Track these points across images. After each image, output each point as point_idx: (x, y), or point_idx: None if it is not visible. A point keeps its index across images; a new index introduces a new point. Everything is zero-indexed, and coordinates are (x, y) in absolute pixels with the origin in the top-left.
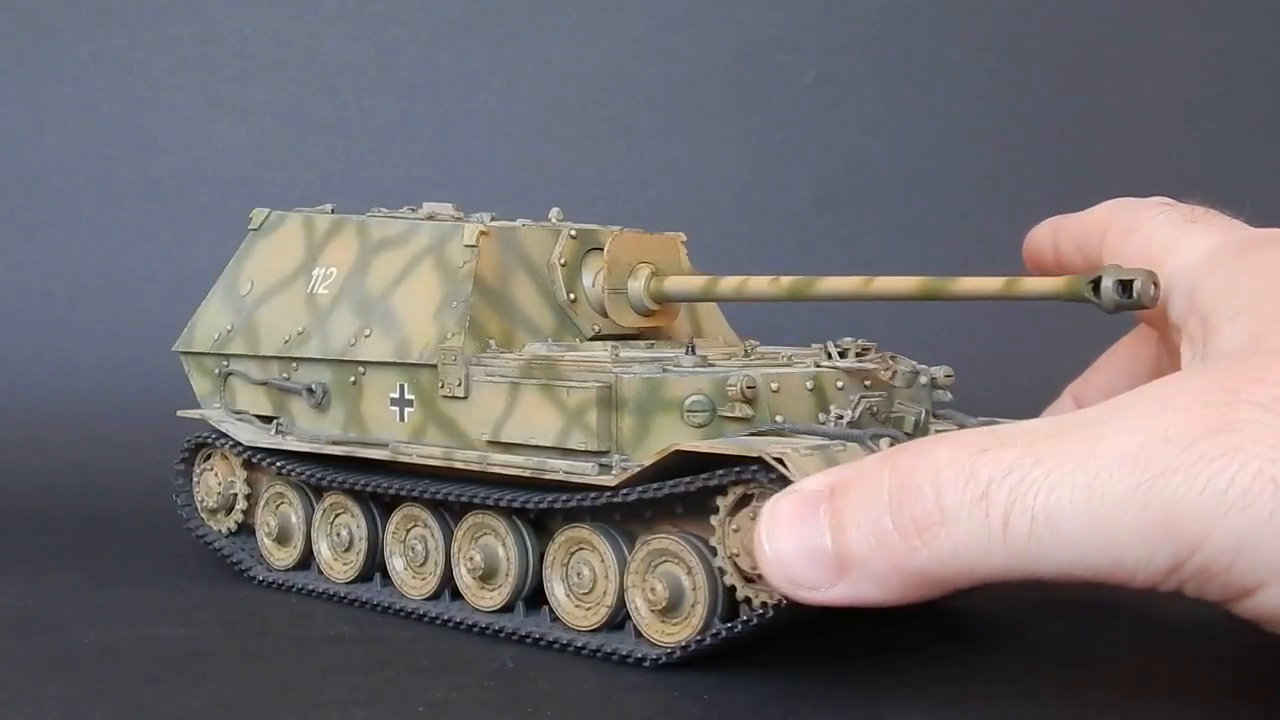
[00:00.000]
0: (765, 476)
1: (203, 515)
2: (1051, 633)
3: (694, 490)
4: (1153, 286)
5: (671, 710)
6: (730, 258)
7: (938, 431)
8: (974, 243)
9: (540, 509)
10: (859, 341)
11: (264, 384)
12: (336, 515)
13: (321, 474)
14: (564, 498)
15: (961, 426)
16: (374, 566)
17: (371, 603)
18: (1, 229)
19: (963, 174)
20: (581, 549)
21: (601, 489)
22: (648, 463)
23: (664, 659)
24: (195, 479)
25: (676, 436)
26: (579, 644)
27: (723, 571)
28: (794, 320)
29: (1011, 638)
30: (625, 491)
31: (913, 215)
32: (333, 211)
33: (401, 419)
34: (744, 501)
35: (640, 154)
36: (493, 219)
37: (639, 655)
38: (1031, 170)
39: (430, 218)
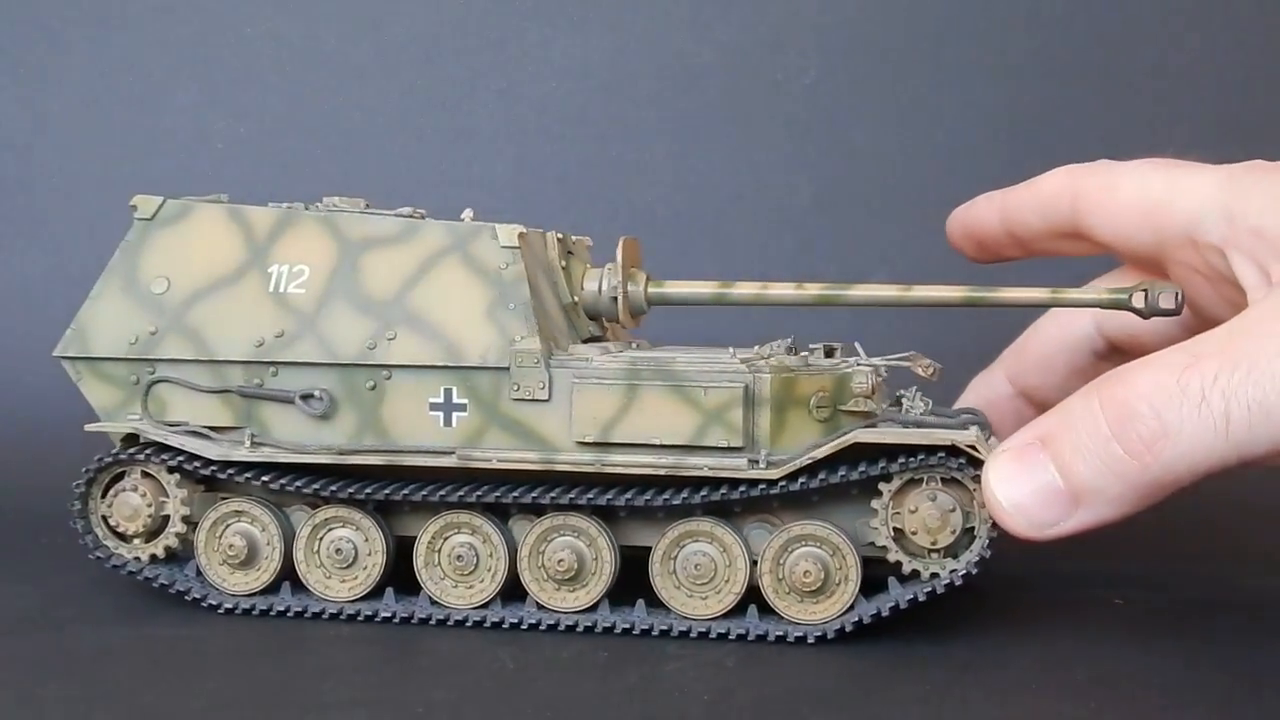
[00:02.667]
0: (952, 461)
1: (106, 543)
2: (1051, 632)
3: (863, 478)
4: (1183, 298)
5: (671, 711)
6: (729, 257)
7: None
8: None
9: (671, 506)
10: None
11: (223, 392)
12: (330, 529)
13: (363, 487)
14: (702, 493)
15: (940, 416)
16: (386, 580)
17: (412, 619)
18: (1, 229)
19: (963, 174)
20: (695, 541)
21: (753, 482)
22: (820, 454)
23: (830, 634)
24: (107, 501)
25: (805, 430)
26: (721, 630)
27: (886, 550)
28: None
29: (1011, 637)
30: (783, 483)
31: (912, 215)
32: (227, 201)
33: (448, 424)
34: (911, 485)
35: (640, 154)
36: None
37: (797, 635)
38: (1032, 170)
39: (433, 215)
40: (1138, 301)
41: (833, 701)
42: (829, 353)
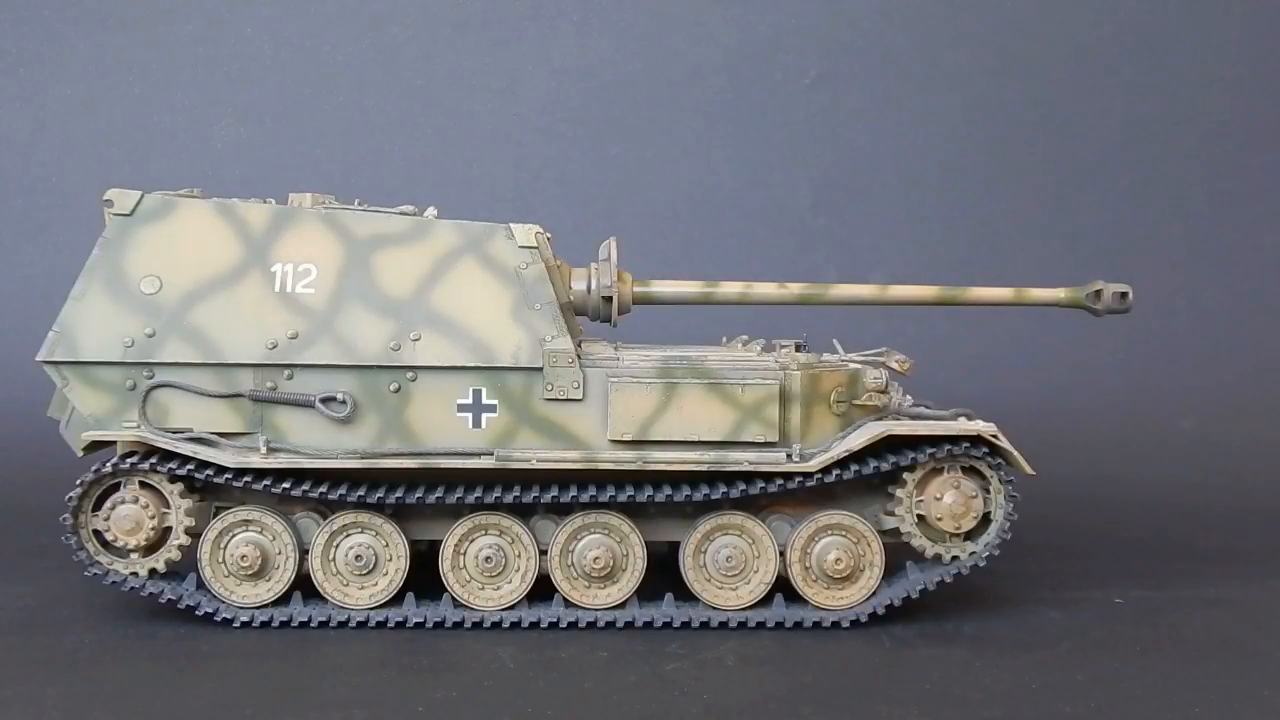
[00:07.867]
0: (977, 450)
1: (100, 558)
2: (1049, 633)
3: (894, 468)
4: (1132, 296)
5: (671, 710)
6: (730, 258)
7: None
8: (974, 242)
9: (711, 500)
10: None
11: (234, 396)
12: (348, 536)
13: (395, 495)
14: (740, 486)
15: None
16: (405, 585)
17: (437, 624)
18: (1, 229)
19: (963, 174)
20: (725, 534)
21: (790, 475)
22: (856, 446)
23: (863, 618)
24: (102, 514)
25: (827, 424)
26: (759, 619)
27: (911, 535)
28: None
29: (1011, 637)
30: (819, 475)
31: (912, 215)
32: (200, 195)
33: (477, 425)
34: (931, 474)
35: (640, 154)
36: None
37: (833, 621)
38: (1031, 170)
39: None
40: (1091, 300)
41: (832, 701)
42: (798, 348)
